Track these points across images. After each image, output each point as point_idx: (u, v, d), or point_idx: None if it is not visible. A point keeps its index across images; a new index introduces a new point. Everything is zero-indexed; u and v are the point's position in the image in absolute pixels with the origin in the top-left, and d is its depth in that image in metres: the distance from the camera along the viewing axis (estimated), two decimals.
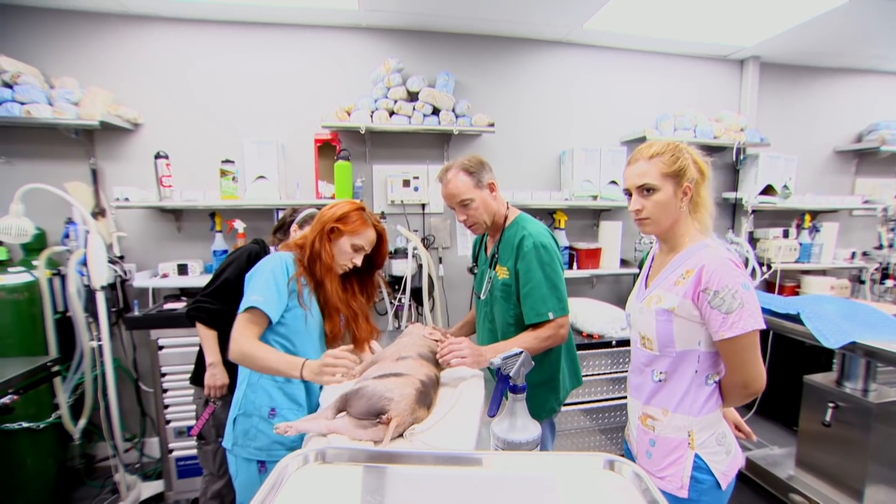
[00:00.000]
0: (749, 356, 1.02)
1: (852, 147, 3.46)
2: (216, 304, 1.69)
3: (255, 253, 1.75)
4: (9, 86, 2.20)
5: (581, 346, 2.45)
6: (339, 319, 1.43)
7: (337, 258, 1.39)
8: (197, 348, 1.85)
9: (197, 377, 1.79)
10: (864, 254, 3.34)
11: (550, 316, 1.41)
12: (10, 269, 2.15)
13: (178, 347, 2.20)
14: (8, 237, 1.91)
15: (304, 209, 1.85)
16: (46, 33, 2.41)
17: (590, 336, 2.52)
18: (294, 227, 1.80)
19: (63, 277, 2.32)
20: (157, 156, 2.34)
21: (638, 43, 3.01)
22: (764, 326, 1.01)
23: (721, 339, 1.02)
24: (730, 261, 1.02)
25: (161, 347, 2.20)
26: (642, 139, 2.98)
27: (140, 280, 2.42)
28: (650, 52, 3.12)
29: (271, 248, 1.83)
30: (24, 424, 2.10)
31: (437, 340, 1.51)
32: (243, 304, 1.29)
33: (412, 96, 2.67)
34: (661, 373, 1.13)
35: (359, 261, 1.43)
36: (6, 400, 1.62)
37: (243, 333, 1.26)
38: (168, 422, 2.24)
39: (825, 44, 2.99)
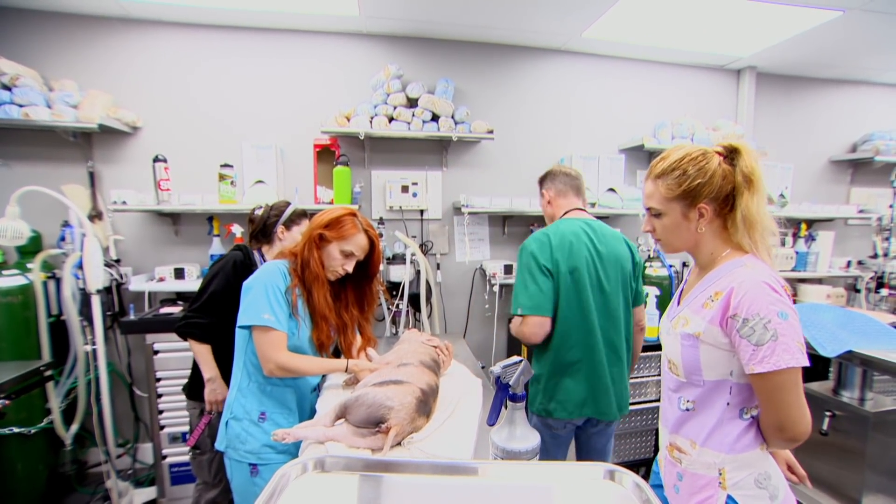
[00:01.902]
0: (784, 397, 0.87)
1: (847, 157, 3.50)
2: (206, 319, 1.65)
3: (240, 261, 1.70)
4: (7, 88, 2.19)
5: None
6: (326, 328, 1.41)
7: (326, 265, 1.37)
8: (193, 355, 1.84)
9: (192, 389, 1.76)
10: (860, 262, 3.36)
11: (519, 311, 1.51)
12: (4, 272, 2.14)
13: (173, 352, 2.18)
14: (3, 239, 1.90)
15: (282, 207, 1.78)
16: (46, 36, 2.40)
17: None
18: (280, 227, 1.74)
19: (58, 281, 2.30)
20: (156, 159, 2.33)
21: (636, 52, 3.04)
22: (805, 364, 0.86)
23: (751, 374, 0.89)
24: (765, 284, 0.88)
25: (157, 352, 2.18)
26: (640, 147, 3.00)
27: (136, 284, 2.40)
28: (648, 61, 3.15)
29: (255, 254, 1.77)
30: (15, 429, 2.07)
31: (435, 347, 1.51)
32: (252, 319, 1.29)
33: (412, 102, 2.68)
34: (688, 401, 1.01)
35: (350, 267, 1.40)
36: None
37: (271, 349, 1.29)
38: (162, 427, 2.22)
39: (820, 55, 3.03)
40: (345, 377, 1.45)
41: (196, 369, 1.74)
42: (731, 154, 0.97)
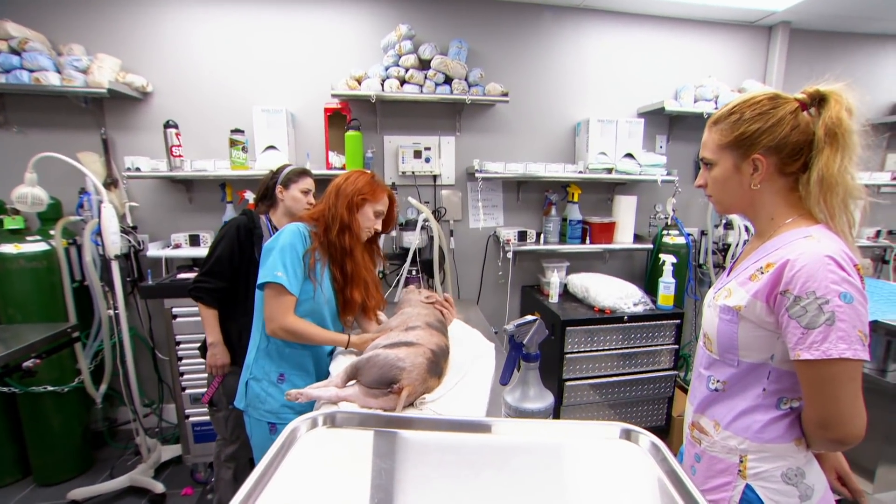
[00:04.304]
0: (834, 391, 0.76)
1: (885, 119, 3.29)
2: (213, 283, 1.68)
3: (244, 225, 1.72)
4: (16, 52, 2.17)
5: (592, 321, 2.44)
6: (363, 286, 1.46)
7: (363, 226, 1.42)
8: None
9: (205, 349, 1.81)
10: (890, 232, 3.23)
11: None
12: (28, 238, 2.18)
13: (191, 317, 2.22)
14: (24, 206, 1.93)
15: (279, 169, 1.81)
16: None
17: (601, 311, 2.50)
18: (279, 188, 1.77)
19: (79, 247, 2.35)
20: (167, 125, 2.32)
21: (659, 8, 2.86)
22: (864, 358, 0.75)
23: (797, 360, 0.78)
24: (829, 259, 0.76)
25: (175, 316, 2.22)
26: (661, 110, 2.87)
27: (153, 250, 2.44)
28: (672, 19, 2.97)
29: (261, 218, 1.80)
30: (49, 388, 2.17)
31: (433, 303, 1.51)
32: (266, 276, 1.30)
33: (424, 64, 2.58)
34: (717, 381, 0.93)
35: (379, 226, 1.47)
36: (29, 363, 1.66)
37: (279, 310, 1.30)
38: (184, 389, 2.30)
39: (863, 7, 2.81)
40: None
41: None
42: (816, 102, 0.83)
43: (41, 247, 2.20)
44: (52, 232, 2.24)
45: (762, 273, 0.83)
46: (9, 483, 2.32)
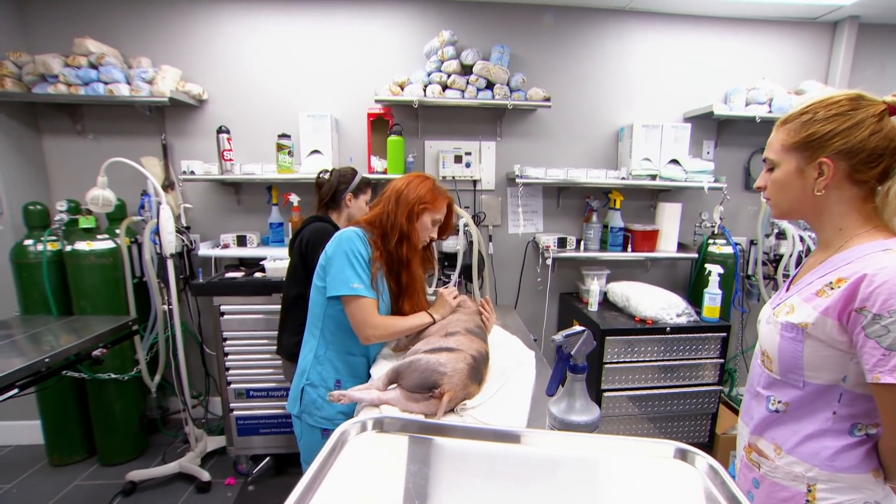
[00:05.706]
0: None
1: None
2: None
3: (335, 230, 1.74)
4: (94, 67, 2.36)
5: (633, 331, 2.37)
6: (416, 296, 1.43)
7: (420, 235, 1.40)
8: (263, 317, 1.88)
9: (281, 348, 1.79)
10: None
11: None
12: (98, 237, 2.36)
13: (237, 314, 2.31)
14: (96, 207, 2.09)
15: (348, 174, 1.83)
16: (124, 15, 2.52)
17: (642, 321, 2.42)
18: (349, 195, 1.80)
19: (139, 245, 2.52)
20: (219, 130, 2.44)
21: (710, 8, 2.74)
22: None
23: (876, 384, 0.71)
24: None
25: (223, 314, 2.32)
26: (709, 115, 2.75)
27: (204, 250, 2.57)
28: (722, 18, 2.84)
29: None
30: (112, 375, 2.35)
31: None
32: (340, 289, 1.29)
33: (466, 70, 2.60)
34: (779, 402, 0.86)
35: (435, 234, 1.45)
36: (97, 352, 1.80)
37: (365, 318, 1.30)
38: (229, 383, 2.39)
39: None
40: (392, 345, 1.49)
41: (284, 328, 1.79)
42: None
43: (109, 245, 2.37)
44: (117, 231, 2.42)
45: (832, 288, 0.76)
46: (77, 461, 2.53)
